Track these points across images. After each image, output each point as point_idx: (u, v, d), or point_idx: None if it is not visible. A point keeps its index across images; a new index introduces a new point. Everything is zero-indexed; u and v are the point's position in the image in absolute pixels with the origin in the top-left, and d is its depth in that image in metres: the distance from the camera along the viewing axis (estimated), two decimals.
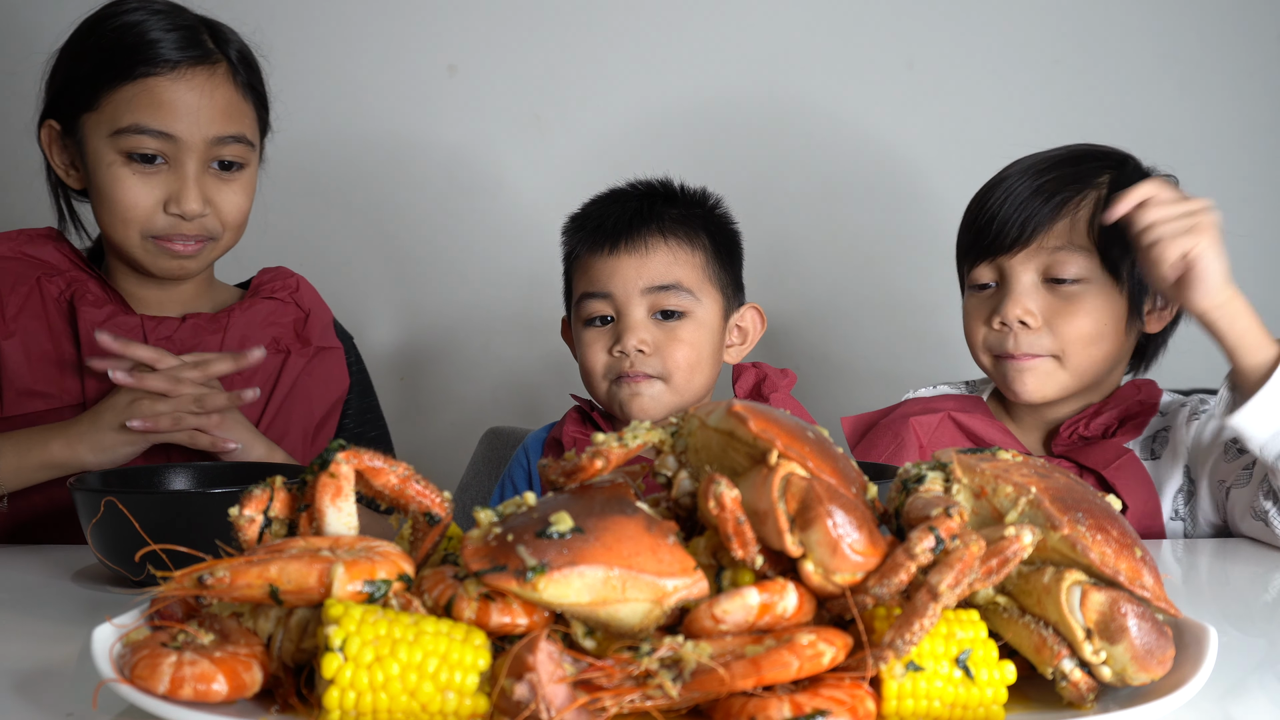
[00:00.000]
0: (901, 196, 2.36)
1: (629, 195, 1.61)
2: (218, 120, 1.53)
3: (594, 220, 1.59)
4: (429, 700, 0.71)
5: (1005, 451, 0.87)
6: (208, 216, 1.55)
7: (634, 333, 1.53)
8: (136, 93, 1.50)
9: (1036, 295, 1.55)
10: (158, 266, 1.57)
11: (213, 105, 1.53)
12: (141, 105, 1.50)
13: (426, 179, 2.36)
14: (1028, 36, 2.35)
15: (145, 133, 1.50)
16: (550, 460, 0.86)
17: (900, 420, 1.63)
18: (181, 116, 1.51)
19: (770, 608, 0.74)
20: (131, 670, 0.73)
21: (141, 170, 1.51)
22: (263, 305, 1.67)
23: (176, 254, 1.55)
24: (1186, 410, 1.60)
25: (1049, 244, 1.54)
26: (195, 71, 1.52)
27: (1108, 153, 1.62)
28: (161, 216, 1.53)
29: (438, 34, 2.34)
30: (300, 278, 1.74)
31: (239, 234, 1.62)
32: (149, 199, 1.52)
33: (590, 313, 1.56)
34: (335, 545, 0.79)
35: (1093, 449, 1.57)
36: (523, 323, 2.37)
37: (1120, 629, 0.76)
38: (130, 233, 1.54)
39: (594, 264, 1.57)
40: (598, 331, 1.56)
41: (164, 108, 1.50)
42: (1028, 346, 1.55)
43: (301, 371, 1.67)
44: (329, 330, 1.73)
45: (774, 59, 2.35)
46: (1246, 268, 2.31)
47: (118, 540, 1.11)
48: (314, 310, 1.72)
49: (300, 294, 1.72)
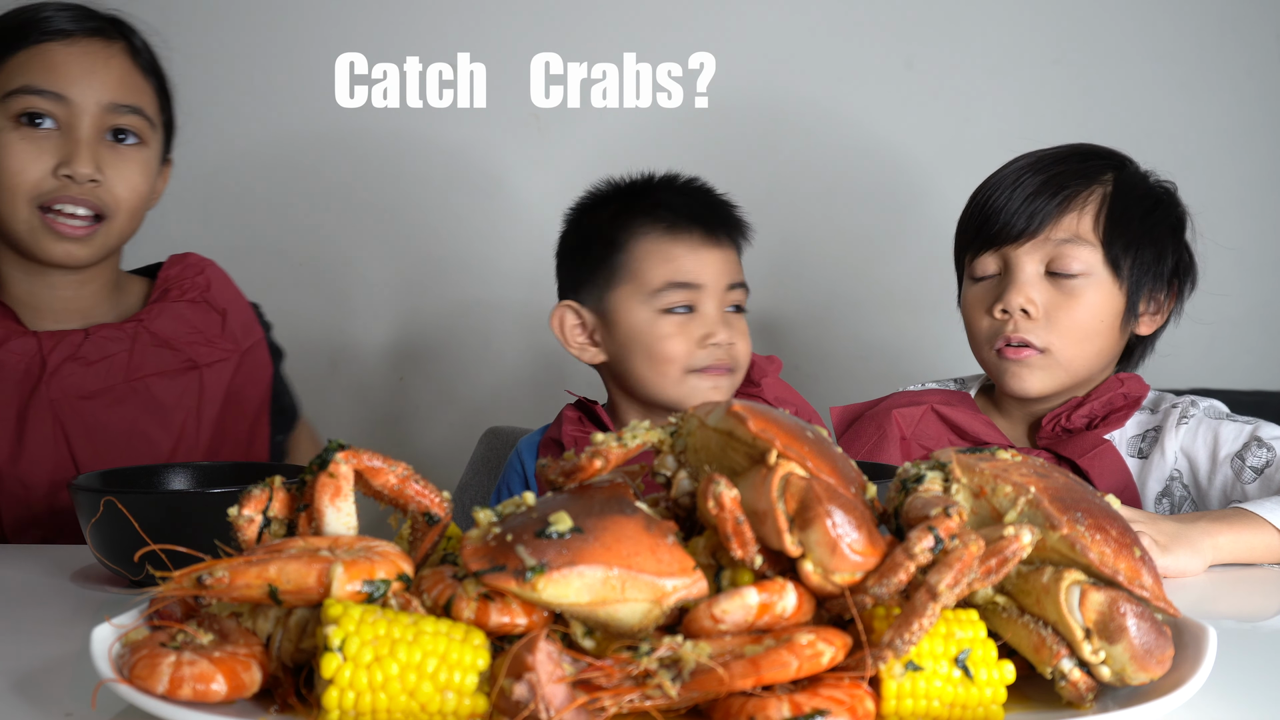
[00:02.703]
0: (901, 196, 2.36)
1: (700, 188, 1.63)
2: (111, 86, 1.49)
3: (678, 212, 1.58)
4: (428, 700, 0.71)
5: (1004, 451, 0.87)
6: (99, 186, 1.48)
7: (720, 328, 1.55)
8: (29, 57, 1.47)
9: (1039, 286, 1.56)
10: (44, 250, 1.49)
11: (107, 71, 1.50)
12: (34, 68, 1.47)
13: (427, 179, 2.36)
14: (1028, 36, 2.35)
15: (36, 93, 1.46)
16: (549, 460, 0.85)
17: (884, 413, 1.64)
18: (75, 79, 1.47)
19: (769, 607, 0.74)
20: (130, 670, 0.73)
21: (32, 135, 1.46)
22: (173, 311, 1.58)
23: (63, 235, 1.48)
24: (1177, 413, 1.60)
25: (1055, 236, 1.55)
26: (91, 41, 1.50)
27: (1109, 153, 1.64)
28: (50, 180, 1.47)
29: (438, 33, 2.34)
30: (209, 267, 1.66)
31: (134, 222, 1.54)
32: (38, 164, 1.46)
33: (678, 301, 1.55)
34: (334, 545, 0.79)
35: (1073, 440, 1.59)
36: (522, 322, 2.37)
37: (1119, 629, 0.76)
38: (17, 204, 1.47)
39: (687, 254, 1.56)
40: (681, 320, 1.55)
41: (56, 69, 1.47)
42: (1026, 334, 1.56)
43: (230, 378, 1.60)
44: (250, 323, 1.65)
45: (774, 59, 2.35)
46: (1246, 268, 2.32)
47: (117, 540, 1.11)
48: (230, 307, 1.63)
49: (212, 292, 1.63)
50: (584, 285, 1.60)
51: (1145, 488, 1.58)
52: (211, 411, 1.57)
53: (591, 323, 1.60)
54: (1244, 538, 1.28)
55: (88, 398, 1.50)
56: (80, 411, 1.49)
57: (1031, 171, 1.59)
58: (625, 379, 1.59)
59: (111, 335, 1.53)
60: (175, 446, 1.54)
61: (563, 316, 1.60)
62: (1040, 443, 1.61)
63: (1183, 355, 1.73)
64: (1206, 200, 1.70)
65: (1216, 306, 2.17)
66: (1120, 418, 1.60)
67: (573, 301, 1.60)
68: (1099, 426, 1.60)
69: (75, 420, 1.49)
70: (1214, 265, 1.71)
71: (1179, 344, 1.70)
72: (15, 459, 1.47)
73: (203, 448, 1.57)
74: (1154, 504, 1.58)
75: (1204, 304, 1.70)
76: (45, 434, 1.48)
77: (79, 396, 1.50)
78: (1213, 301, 1.77)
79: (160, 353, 1.55)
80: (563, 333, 1.61)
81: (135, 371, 1.53)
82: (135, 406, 1.52)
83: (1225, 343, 2.32)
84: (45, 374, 1.48)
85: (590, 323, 1.60)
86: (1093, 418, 1.61)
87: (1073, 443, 1.58)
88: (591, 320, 1.60)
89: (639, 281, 1.56)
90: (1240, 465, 1.52)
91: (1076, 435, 1.59)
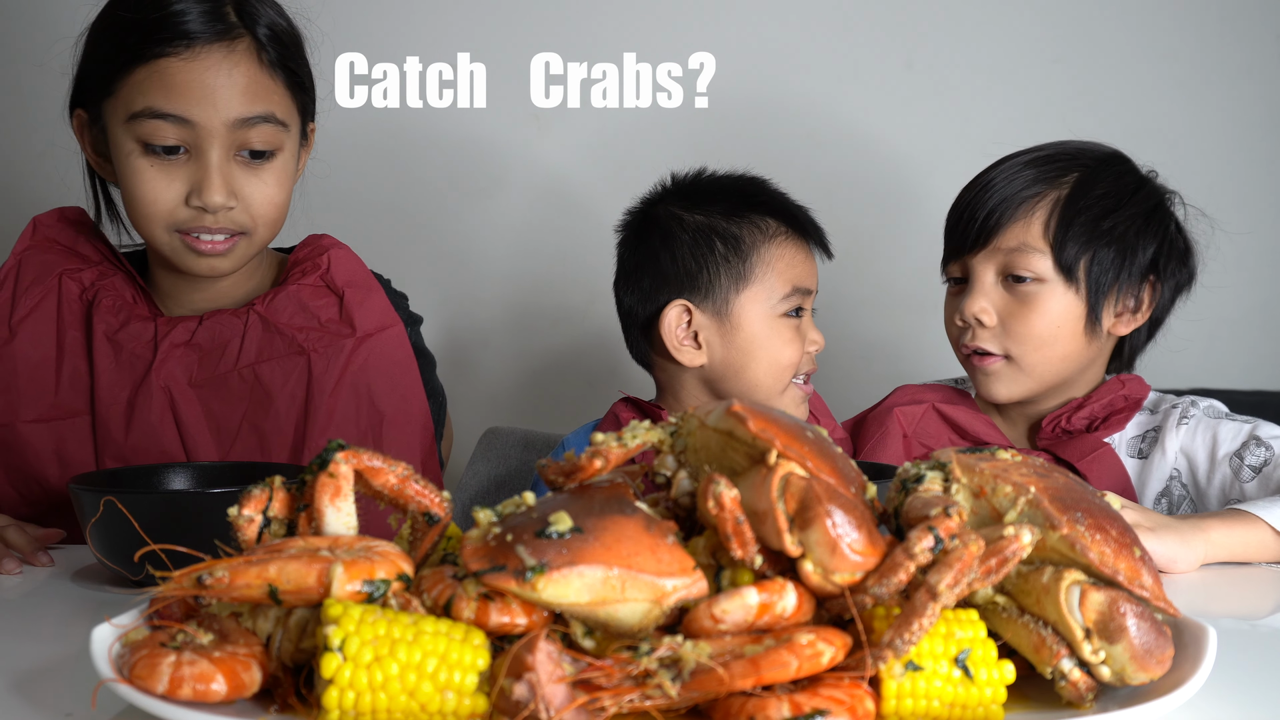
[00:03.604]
0: (901, 196, 2.36)
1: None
2: (237, 100, 1.40)
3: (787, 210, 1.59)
4: (428, 700, 0.71)
5: (1004, 451, 0.87)
6: (235, 210, 1.43)
7: (819, 335, 1.59)
8: (149, 74, 1.39)
9: (995, 294, 1.58)
10: (187, 265, 1.46)
11: (231, 84, 1.40)
12: (153, 88, 1.39)
13: (427, 179, 2.36)
14: (1027, 36, 2.35)
15: (159, 117, 1.39)
16: (549, 460, 0.86)
17: (885, 411, 1.65)
18: (198, 100, 1.39)
19: (769, 607, 0.74)
20: (130, 670, 0.73)
21: (160, 162, 1.41)
22: (287, 295, 1.52)
23: (204, 252, 1.44)
24: (1177, 413, 1.60)
25: (1005, 244, 1.57)
26: (211, 50, 1.40)
27: (1088, 149, 1.63)
28: (184, 209, 1.41)
29: (438, 33, 2.34)
30: (335, 249, 1.57)
31: (275, 229, 1.49)
32: (169, 192, 1.41)
33: (793, 306, 1.54)
34: (334, 545, 0.79)
35: (1072, 442, 1.59)
36: (523, 322, 2.37)
37: (1119, 629, 0.76)
38: (155, 229, 1.43)
39: (805, 260, 1.58)
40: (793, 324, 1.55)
41: (177, 90, 1.39)
42: (982, 342, 1.58)
43: (345, 365, 1.50)
44: (377, 308, 1.55)
45: (774, 59, 2.35)
46: (1246, 267, 2.32)
47: (117, 540, 1.11)
48: (350, 289, 1.54)
49: (331, 273, 1.54)
50: (701, 285, 1.53)
51: (1145, 488, 1.59)
52: (322, 400, 1.48)
53: (703, 323, 1.53)
54: (1238, 534, 1.28)
55: (197, 386, 1.48)
56: (190, 399, 1.47)
57: (996, 176, 1.60)
58: (728, 382, 1.54)
59: (226, 322, 1.50)
60: (284, 438, 1.48)
61: (672, 315, 1.53)
62: (1040, 444, 1.62)
63: (1183, 355, 1.73)
64: (1206, 200, 1.70)
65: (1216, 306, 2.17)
66: (1121, 419, 1.60)
67: (686, 300, 1.54)
68: (1099, 428, 1.60)
69: (186, 408, 1.47)
70: (1213, 264, 1.71)
71: (1179, 344, 1.70)
72: (122, 444, 1.46)
73: (315, 442, 1.48)
74: (1153, 504, 1.59)
75: (1204, 304, 1.70)
76: (153, 420, 1.46)
77: (189, 384, 1.47)
78: (1212, 301, 1.77)
79: (270, 339, 1.49)
80: (671, 332, 1.54)
81: (245, 359, 1.48)
82: (244, 395, 1.48)
83: (1225, 343, 2.31)
84: (156, 359, 1.47)
85: (701, 323, 1.53)
86: (1093, 419, 1.61)
87: (1072, 445, 1.58)
88: (704, 321, 1.53)
89: (767, 284, 1.52)
90: (1238, 464, 1.52)
91: (1076, 438, 1.59)
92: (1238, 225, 2.28)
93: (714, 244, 1.54)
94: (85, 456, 1.47)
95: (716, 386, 1.56)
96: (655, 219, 1.59)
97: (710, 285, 1.53)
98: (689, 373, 1.56)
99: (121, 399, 1.47)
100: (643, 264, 1.58)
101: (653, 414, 1.57)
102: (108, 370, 1.47)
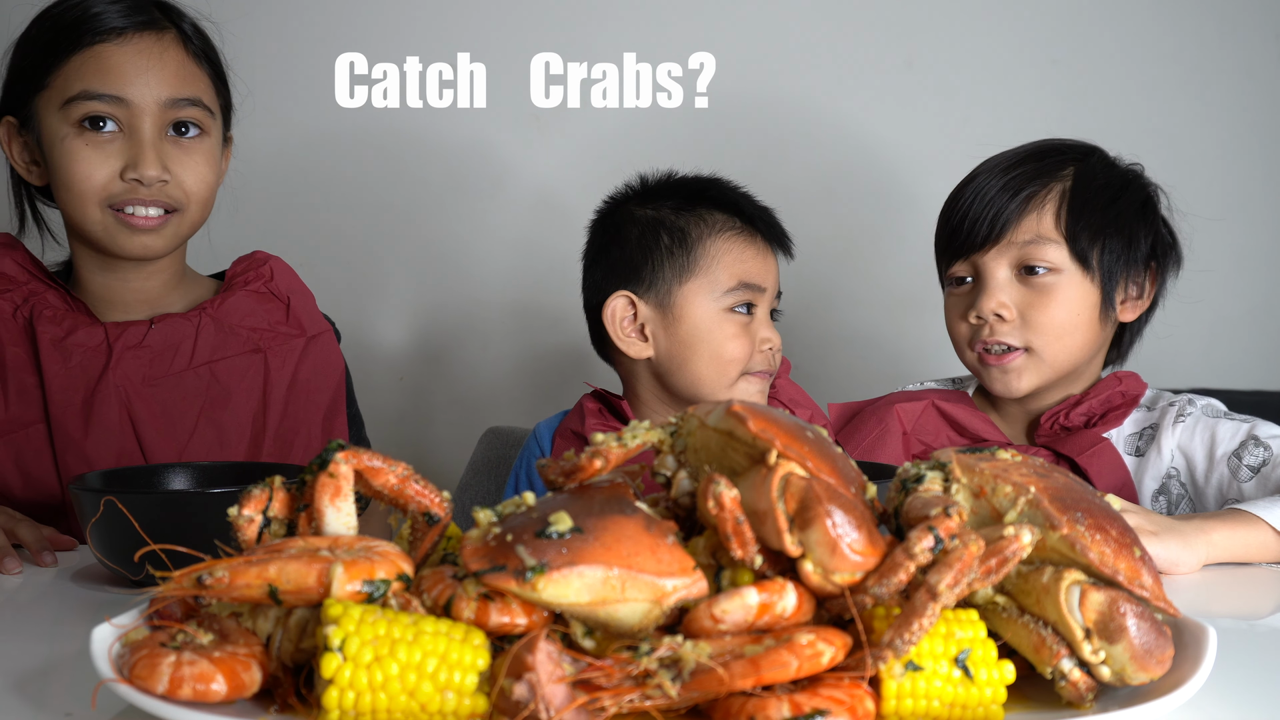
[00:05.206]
0: (901, 195, 2.36)
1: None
2: (169, 82, 1.50)
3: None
4: (428, 700, 0.71)
5: (1005, 451, 0.87)
6: (169, 184, 1.49)
7: (773, 332, 1.59)
8: (84, 61, 1.47)
9: (1010, 288, 1.59)
10: (119, 245, 1.51)
11: (163, 66, 1.49)
12: (90, 72, 1.47)
13: (426, 179, 2.36)
14: (1027, 36, 2.35)
15: (95, 98, 1.46)
16: (549, 460, 0.86)
17: (885, 407, 1.66)
18: (131, 80, 1.48)
19: (769, 607, 0.74)
20: (130, 670, 0.73)
21: (95, 140, 1.47)
22: (236, 300, 1.60)
23: (137, 228, 1.50)
24: (1174, 411, 1.60)
25: (1019, 239, 1.58)
26: (143, 36, 1.49)
27: (1072, 145, 1.65)
28: (118, 183, 1.48)
29: (438, 33, 2.34)
30: (274, 260, 1.67)
31: (205, 210, 1.56)
32: (104, 168, 1.48)
33: (741, 301, 1.55)
34: (334, 545, 0.79)
35: (1071, 438, 1.60)
36: (523, 322, 2.37)
37: (1119, 629, 0.76)
38: (88, 206, 1.49)
39: (755, 256, 1.58)
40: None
41: (112, 72, 1.47)
42: (1003, 337, 1.59)
43: (297, 364, 1.60)
44: (315, 313, 1.66)
45: (774, 59, 2.35)
46: (1246, 267, 2.32)
47: (117, 540, 1.11)
48: (294, 295, 1.64)
49: (275, 281, 1.64)
50: (644, 276, 1.55)
51: (1142, 485, 1.59)
52: (279, 395, 1.57)
53: (647, 315, 1.55)
54: (1239, 535, 1.28)
55: (153, 384, 1.52)
56: (146, 398, 1.51)
57: (991, 176, 1.61)
58: (674, 375, 1.55)
59: (176, 324, 1.55)
60: (242, 432, 1.55)
61: (616, 306, 1.55)
62: (1038, 440, 1.62)
63: (1183, 355, 1.73)
64: (1205, 199, 1.71)
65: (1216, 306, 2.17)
66: (1118, 416, 1.61)
67: (629, 292, 1.55)
68: (1097, 424, 1.61)
69: (141, 406, 1.51)
70: (1213, 264, 1.71)
71: (1179, 344, 1.70)
72: (82, 444, 1.49)
73: (271, 434, 1.56)
74: (1151, 502, 1.59)
75: (1204, 303, 1.70)
76: (111, 420, 1.50)
77: (144, 383, 1.52)
78: (1213, 301, 1.77)
79: (224, 338, 1.56)
80: (614, 323, 1.56)
81: (200, 358, 1.55)
82: (200, 392, 1.53)
83: (1225, 343, 2.32)
84: (111, 361, 1.51)
85: (645, 315, 1.55)
86: (1091, 416, 1.62)
87: (1071, 441, 1.59)
88: (648, 313, 1.55)
89: (711, 277, 1.53)
90: (1237, 464, 1.52)
91: (1075, 433, 1.60)
92: (1237, 225, 2.29)
93: (660, 236, 1.56)
94: (45, 462, 1.49)
95: (665, 380, 1.58)
96: (610, 216, 1.63)
97: (654, 276, 1.55)
98: (639, 365, 1.59)
99: (76, 401, 1.49)
100: (596, 258, 1.62)
101: (616, 407, 1.60)
102: (59, 375, 1.50)
